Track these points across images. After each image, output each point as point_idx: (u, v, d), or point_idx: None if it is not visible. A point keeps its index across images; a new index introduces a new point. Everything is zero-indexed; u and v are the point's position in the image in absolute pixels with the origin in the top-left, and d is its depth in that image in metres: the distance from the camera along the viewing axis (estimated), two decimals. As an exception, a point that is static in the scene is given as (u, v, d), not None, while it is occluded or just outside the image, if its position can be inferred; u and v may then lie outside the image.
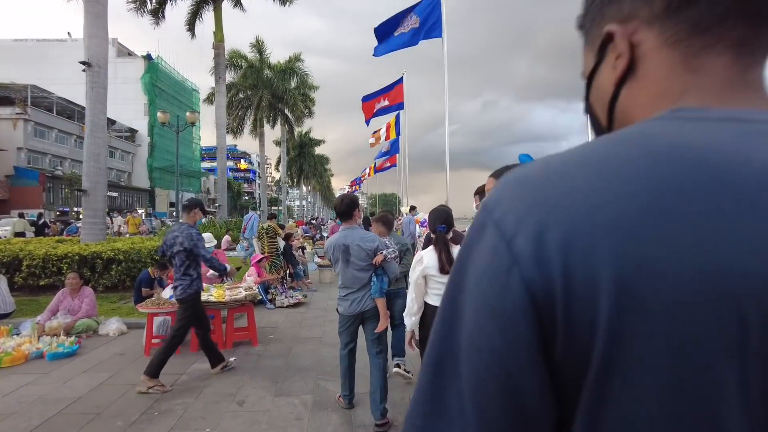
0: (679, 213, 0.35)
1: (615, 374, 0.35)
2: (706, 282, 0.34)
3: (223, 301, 5.06)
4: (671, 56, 0.44)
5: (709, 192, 0.35)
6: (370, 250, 3.38)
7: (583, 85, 0.53)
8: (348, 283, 3.45)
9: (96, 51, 9.56)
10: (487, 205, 0.42)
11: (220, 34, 20.55)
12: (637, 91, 0.46)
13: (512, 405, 0.38)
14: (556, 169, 0.40)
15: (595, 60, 0.49)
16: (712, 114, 0.40)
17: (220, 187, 20.00)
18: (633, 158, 0.38)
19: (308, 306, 7.75)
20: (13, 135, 33.60)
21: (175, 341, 4.18)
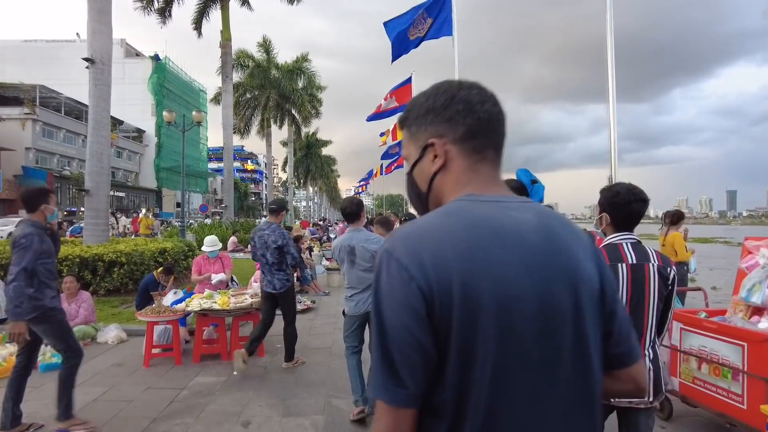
0: (480, 249, 0.74)
1: (458, 333, 0.72)
2: (497, 287, 0.73)
3: (228, 309, 4.72)
4: (465, 163, 0.84)
5: (490, 238, 0.75)
6: (374, 251, 3.44)
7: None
8: (353, 284, 3.57)
9: (100, 47, 9.30)
10: (388, 250, 0.76)
11: (227, 33, 20.33)
12: (445, 178, 0.86)
13: (419, 350, 0.72)
14: (422, 229, 0.77)
15: (418, 153, 0.88)
16: (484, 198, 0.82)
17: (226, 187, 19.77)
18: (456, 223, 0.77)
19: (317, 312, 7.41)
20: (22, 135, 33.68)
21: (294, 333, 4.70)
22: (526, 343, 0.74)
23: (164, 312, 4.73)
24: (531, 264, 0.75)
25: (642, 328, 1.97)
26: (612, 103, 6.04)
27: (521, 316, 0.73)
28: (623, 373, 0.88)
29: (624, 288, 1.97)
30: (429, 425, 0.75)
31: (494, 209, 0.79)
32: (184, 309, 4.78)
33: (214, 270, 5.49)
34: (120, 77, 43.96)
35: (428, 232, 0.76)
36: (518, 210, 0.80)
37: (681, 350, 3.36)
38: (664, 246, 5.83)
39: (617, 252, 2.00)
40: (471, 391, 0.72)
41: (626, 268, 1.97)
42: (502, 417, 0.73)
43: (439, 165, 0.85)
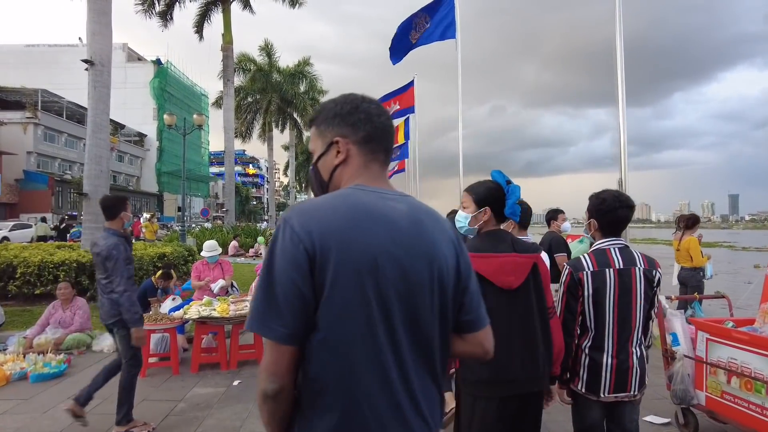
0: (357, 225, 0.94)
1: (332, 287, 0.90)
2: (367, 255, 0.92)
3: (228, 317, 4.54)
4: (360, 160, 1.07)
5: (366, 218, 0.95)
6: None
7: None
8: None
9: (99, 49, 9.17)
10: (285, 219, 0.95)
11: (228, 36, 20.26)
12: (344, 170, 1.07)
13: (300, 297, 0.90)
14: (315, 206, 0.97)
15: (324, 148, 1.10)
16: (369, 189, 1.02)
17: (227, 191, 19.63)
18: (342, 203, 0.97)
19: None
20: (24, 139, 33.62)
21: None
22: (389, 301, 0.94)
23: (161, 320, 4.55)
24: (398, 241, 0.96)
25: (630, 329, 2.07)
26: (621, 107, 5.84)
27: (386, 279, 0.93)
28: (471, 336, 1.10)
29: (612, 291, 2.05)
30: (309, 359, 0.94)
31: (375, 197, 1.00)
32: (182, 317, 4.60)
33: (214, 276, 5.31)
34: (122, 81, 44.15)
35: (319, 209, 0.96)
36: (394, 201, 1.02)
37: (707, 362, 3.16)
38: (679, 251, 5.64)
39: (605, 257, 2.09)
40: (338, 332, 0.92)
41: (613, 273, 2.06)
42: (357, 356, 0.92)
43: (341, 159, 1.07)
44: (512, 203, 1.91)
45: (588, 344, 2.11)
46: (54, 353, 4.79)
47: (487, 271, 1.79)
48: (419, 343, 0.98)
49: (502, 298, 1.81)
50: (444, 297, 1.02)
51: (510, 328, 1.80)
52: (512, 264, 1.84)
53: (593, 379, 2.08)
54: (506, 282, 1.82)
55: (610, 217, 2.12)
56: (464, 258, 1.09)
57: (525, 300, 1.85)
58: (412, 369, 0.96)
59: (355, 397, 0.92)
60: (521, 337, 1.82)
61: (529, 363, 1.82)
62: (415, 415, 0.97)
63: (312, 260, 0.90)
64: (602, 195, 2.16)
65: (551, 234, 4.70)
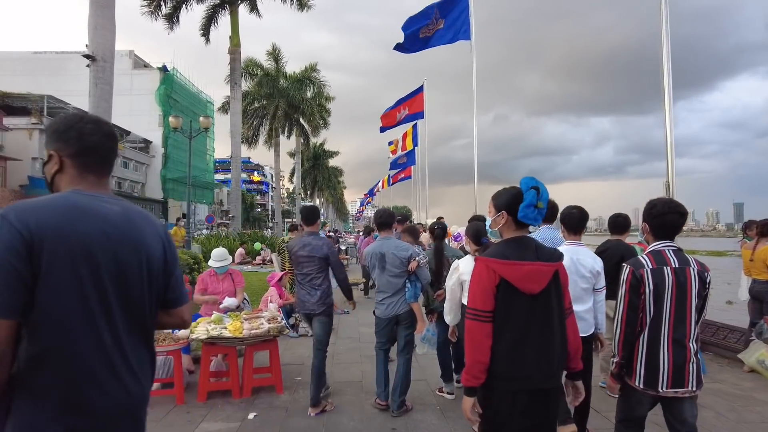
0: (73, 220, 1.19)
1: (48, 270, 1.13)
2: (80, 244, 1.18)
3: (241, 337, 3.88)
4: (75, 170, 1.31)
5: (82, 214, 1.22)
6: (404, 258, 3.71)
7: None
8: (384, 288, 3.79)
9: (101, 43, 8.64)
10: (3, 215, 1.12)
11: (236, 38, 19.80)
12: (62, 178, 1.32)
13: (19, 278, 1.09)
14: (34, 203, 1.17)
15: (47, 158, 1.33)
16: (85, 193, 1.28)
17: (233, 197, 19.05)
18: (59, 202, 1.22)
19: (337, 334, 6.53)
20: (28, 145, 33.25)
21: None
22: (103, 281, 1.21)
23: (163, 340, 3.90)
24: (110, 233, 1.24)
25: (686, 324, 2.19)
26: (668, 108, 5.23)
27: (99, 263, 1.20)
28: (175, 311, 1.46)
29: (670, 288, 2.18)
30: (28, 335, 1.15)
31: (91, 200, 1.27)
32: (187, 336, 3.95)
33: (223, 288, 4.65)
34: (127, 88, 44.03)
35: (38, 206, 1.18)
36: (109, 203, 1.30)
37: None
38: (753, 261, 4.95)
39: (662, 257, 2.24)
40: (54, 306, 1.14)
41: (671, 271, 2.20)
42: (73, 324, 1.16)
43: (56, 168, 1.32)
44: (523, 207, 1.90)
45: (645, 340, 2.22)
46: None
47: (514, 278, 1.86)
48: (131, 314, 1.28)
49: (524, 302, 1.88)
50: (152, 278, 1.34)
51: (529, 330, 1.87)
52: (537, 272, 1.88)
53: (651, 375, 2.19)
54: (529, 289, 1.87)
55: (659, 221, 2.29)
56: (171, 250, 1.44)
57: (545, 304, 1.91)
58: (124, 335, 1.25)
59: (73, 357, 1.16)
60: (539, 338, 1.88)
61: (545, 362, 1.88)
62: (127, 371, 1.25)
63: (30, 247, 1.12)
64: (654, 201, 2.35)
65: (619, 243, 4.05)
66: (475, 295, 1.91)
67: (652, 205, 2.33)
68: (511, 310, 1.87)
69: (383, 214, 4.02)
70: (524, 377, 1.86)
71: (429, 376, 4.61)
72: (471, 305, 1.92)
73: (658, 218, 2.30)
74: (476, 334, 1.87)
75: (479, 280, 1.91)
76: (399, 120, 16.71)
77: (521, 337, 1.86)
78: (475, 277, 1.94)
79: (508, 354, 1.86)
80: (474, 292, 1.93)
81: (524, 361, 1.86)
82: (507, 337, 1.86)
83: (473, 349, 1.87)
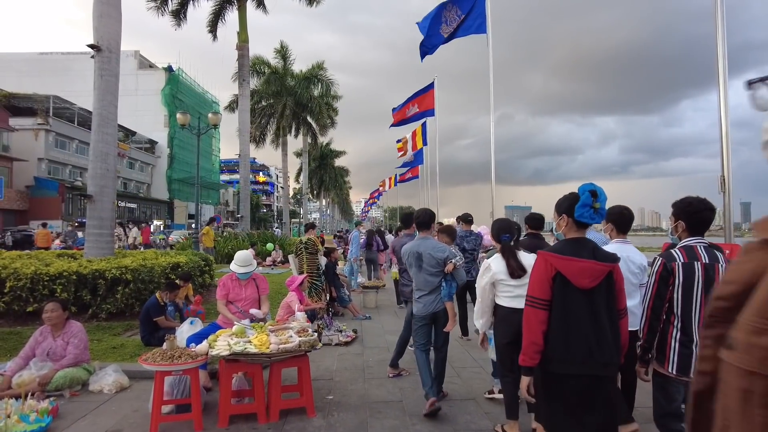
0: None
1: None
2: None
3: (268, 353, 3.35)
4: None
5: None
6: (440, 259, 3.78)
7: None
8: (421, 286, 3.86)
9: (107, 33, 8.15)
10: None
11: (244, 34, 19.37)
12: None
13: None
14: None
15: None
16: None
17: (242, 196, 18.56)
18: None
19: (363, 343, 5.99)
20: (34, 145, 33.09)
21: None
22: None
23: (179, 357, 3.37)
24: None
25: None
26: (723, 92, 4.65)
27: None
28: None
29: (699, 281, 2.35)
30: None
31: None
32: (206, 352, 3.42)
33: (246, 295, 4.12)
34: (133, 88, 43.77)
35: None
36: None
37: None
38: None
39: (693, 252, 2.41)
40: None
41: (701, 266, 2.37)
42: None
43: None
44: (578, 207, 2.13)
45: (678, 331, 2.37)
46: (38, 397, 3.64)
47: (568, 272, 2.08)
48: None
49: (577, 295, 2.09)
50: None
51: (580, 321, 2.07)
52: (590, 270, 2.08)
53: (684, 362, 2.32)
54: (582, 283, 2.07)
55: (696, 218, 2.44)
56: None
57: (597, 299, 2.09)
58: None
59: None
60: (590, 330, 2.06)
61: (596, 352, 2.04)
62: None
63: None
64: (688, 200, 2.48)
65: None
66: (534, 284, 2.18)
67: (688, 203, 2.48)
68: (565, 301, 2.10)
69: (423, 214, 4.09)
70: (575, 363, 2.06)
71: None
72: (530, 293, 2.18)
73: (695, 215, 2.46)
74: (532, 319, 2.13)
75: (538, 272, 2.17)
76: (409, 117, 16.23)
77: (573, 327, 2.08)
78: (535, 268, 2.20)
79: (561, 340, 2.08)
80: (533, 282, 2.19)
81: (576, 349, 2.07)
82: (560, 325, 2.09)
83: (529, 331, 2.13)
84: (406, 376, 4.53)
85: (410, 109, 16.25)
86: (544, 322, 2.09)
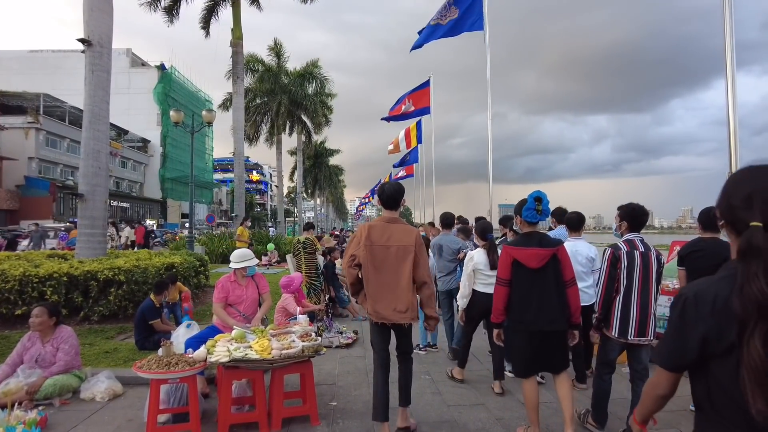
0: None
1: None
2: None
3: (270, 359, 3.18)
4: None
5: None
6: (454, 249, 5.13)
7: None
8: (441, 270, 5.18)
9: (97, 27, 7.91)
10: None
11: (238, 31, 19.06)
12: None
13: None
14: None
15: None
16: None
17: (237, 195, 18.30)
18: None
19: (364, 345, 5.82)
20: (25, 144, 32.55)
21: None
22: None
23: (176, 363, 3.19)
24: None
25: (648, 292, 3.09)
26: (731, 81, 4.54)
27: None
28: None
29: (638, 265, 3.09)
30: None
31: None
32: (204, 359, 3.25)
33: (247, 295, 3.92)
34: (125, 87, 43.24)
35: None
36: None
37: None
38: None
39: (633, 244, 3.15)
40: None
41: (638, 254, 3.11)
42: None
43: None
44: (524, 209, 3.07)
45: (620, 304, 3.12)
46: (26, 407, 3.44)
47: (521, 257, 3.00)
48: None
49: (528, 273, 2.99)
50: None
51: (530, 292, 2.99)
52: (536, 254, 2.97)
53: (623, 327, 3.10)
54: (531, 264, 2.97)
55: (637, 221, 3.22)
56: None
57: (545, 275, 2.98)
58: None
59: None
60: (538, 298, 2.97)
61: (543, 314, 2.95)
62: None
63: None
64: (631, 206, 3.24)
65: (716, 242, 3.49)
66: (500, 268, 3.11)
67: (632, 208, 3.22)
68: (519, 279, 3.02)
69: (448, 216, 5.50)
70: (527, 321, 2.99)
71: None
72: (497, 275, 3.13)
73: (636, 219, 3.22)
74: (498, 292, 3.10)
75: (501, 259, 3.11)
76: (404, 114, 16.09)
77: (526, 296, 2.99)
78: (500, 257, 3.15)
79: (518, 306, 3.02)
80: (499, 267, 3.12)
81: (528, 312, 2.98)
82: (517, 295, 3.02)
83: (497, 300, 3.09)
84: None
85: (406, 105, 16.10)
86: (506, 294, 3.04)
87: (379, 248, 3.09)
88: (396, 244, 3.09)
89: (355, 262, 3.11)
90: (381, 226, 3.17)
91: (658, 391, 1.28)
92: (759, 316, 1.03)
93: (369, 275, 3.06)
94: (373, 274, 3.06)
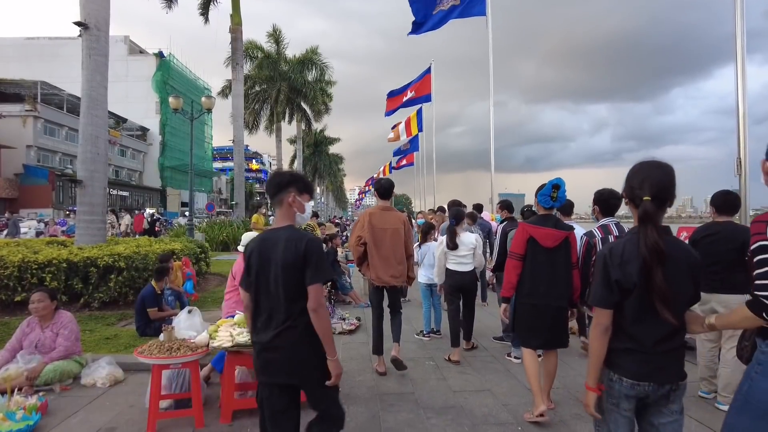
0: None
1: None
2: None
3: (273, 344, 3.12)
4: None
5: None
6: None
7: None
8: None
9: (95, 10, 7.75)
10: None
11: (237, 17, 18.80)
12: None
13: None
14: None
15: None
16: None
17: (237, 183, 18.22)
18: None
19: (367, 331, 5.78)
20: (23, 132, 32.31)
21: None
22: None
23: (177, 349, 3.13)
24: None
25: None
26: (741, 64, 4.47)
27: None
28: None
29: None
30: None
31: None
32: (207, 344, 3.19)
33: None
34: (123, 74, 42.77)
35: None
36: None
37: None
38: None
39: (607, 229, 3.38)
40: None
41: (613, 238, 3.23)
42: None
43: None
44: (539, 195, 3.27)
45: None
46: (26, 393, 3.40)
47: (537, 235, 3.19)
48: None
49: (542, 251, 3.19)
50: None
51: (543, 269, 3.19)
52: (552, 235, 3.19)
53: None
54: (546, 244, 3.18)
55: (607, 204, 3.43)
56: None
57: (556, 255, 3.20)
58: None
59: None
60: (550, 275, 3.18)
61: (551, 289, 3.18)
62: None
63: None
64: (602, 191, 3.48)
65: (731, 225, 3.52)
66: (515, 243, 3.30)
67: (601, 193, 3.46)
68: (534, 256, 3.22)
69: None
70: (536, 295, 3.20)
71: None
72: (512, 249, 3.32)
73: (606, 202, 3.43)
74: (510, 267, 3.28)
75: (517, 236, 3.32)
76: (404, 102, 15.94)
77: (537, 273, 3.20)
78: (516, 233, 3.37)
79: (528, 281, 3.22)
80: (514, 242, 3.32)
81: (537, 287, 3.19)
82: (529, 271, 3.22)
83: (508, 274, 3.30)
84: (412, 367, 4.35)
85: (407, 95, 15.91)
86: (518, 269, 3.24)
87: (379, 230, 4.04)
88: (391, 227, 4.07)
89: (361, 241, 4.06)
90: (379, 213, 4.12)
91: (601, 327, 1.68)
92: (657, 260, 1.59)
93: (372, 251, 4.02)
94: (375, 250, 4.02)
